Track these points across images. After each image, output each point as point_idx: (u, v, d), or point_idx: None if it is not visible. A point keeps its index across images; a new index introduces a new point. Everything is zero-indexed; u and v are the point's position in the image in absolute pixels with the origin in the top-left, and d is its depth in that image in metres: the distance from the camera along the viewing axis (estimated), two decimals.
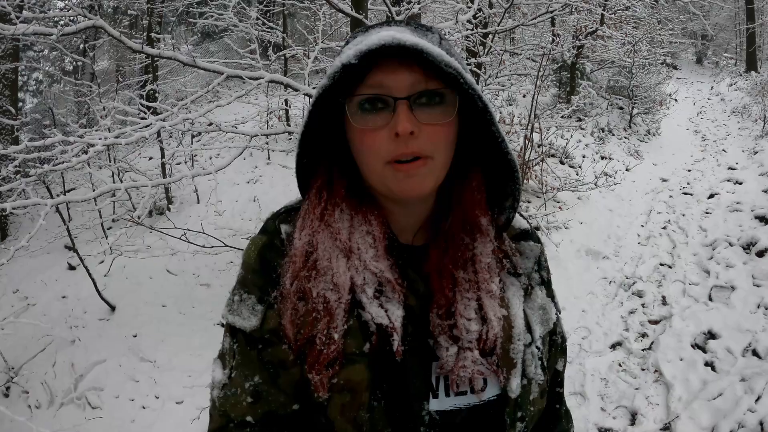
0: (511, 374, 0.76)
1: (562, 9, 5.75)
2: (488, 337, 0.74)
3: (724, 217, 5.47)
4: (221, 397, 0.77)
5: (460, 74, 0.68)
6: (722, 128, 10.00)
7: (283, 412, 0.75)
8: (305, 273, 0.73)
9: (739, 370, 3.16)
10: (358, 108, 0.70)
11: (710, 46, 20.23)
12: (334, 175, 0.79)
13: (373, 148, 0.71)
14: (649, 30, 9.42)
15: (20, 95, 10.50)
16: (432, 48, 0.66)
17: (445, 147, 0.72)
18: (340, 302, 0.71)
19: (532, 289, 0.83)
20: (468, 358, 0.73)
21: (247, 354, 0.76)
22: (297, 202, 0.83)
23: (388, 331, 0.71)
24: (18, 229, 7.09)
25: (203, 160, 7.73)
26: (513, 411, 0.77)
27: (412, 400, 0.72)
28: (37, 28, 3.03)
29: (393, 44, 0.65)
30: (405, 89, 0.68)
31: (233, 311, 0.77)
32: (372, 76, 0.69)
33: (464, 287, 0.75)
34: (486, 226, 0.78)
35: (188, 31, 13.72)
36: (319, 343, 0.70)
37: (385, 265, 0.74)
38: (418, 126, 0.68)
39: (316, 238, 0.75)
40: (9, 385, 3.93)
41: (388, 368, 0.71)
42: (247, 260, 0.79)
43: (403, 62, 0.68)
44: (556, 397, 0.93)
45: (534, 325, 0.81)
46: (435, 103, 0.70)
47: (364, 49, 0.66)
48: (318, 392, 0.70)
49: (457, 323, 0.73)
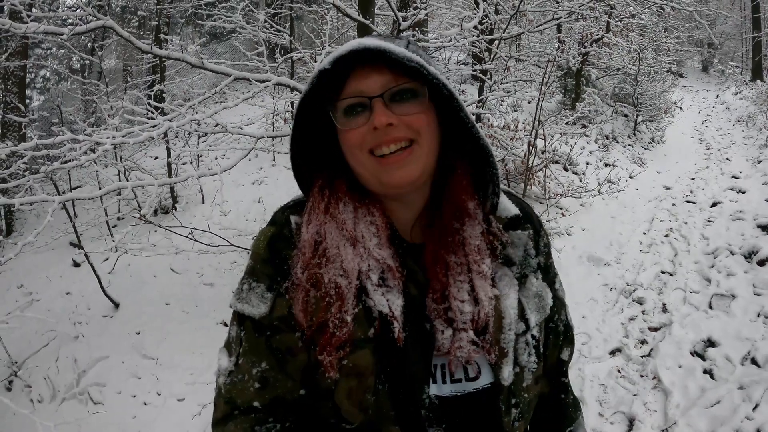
0: (502, 363, 0.79)
1: (568, 16, 5.77)
2: (480, 317, 0.77)
3: (727, 226, 5.48)
4: (228, 384, 0.80)
5: (422, 66, 0.74)
6: (727, 137, 10.00)
7: (290, 397, 0.78)
8: (316, 261, 0.77)
9: (738, 378, 3.16)
10: (342, 113, 0.77)
11: (716, 55, 20.22)
12: (334, 175, 0.84)
13: (356, 142, 0.76)
14: (654, 38, 9.43)
15: (27, 92, 10.58)
16: (394, 47, 0.73)
17: (425, 132, 0.78)
18: (350, 287, 0.76)
19: (526, 277, 0.85)
20: (463, 339, 0.76)
21: (255, 341, 0.79)
22: (305, 196, 0.87)
23: (389, 320, 0.75)
24: (23, 225, 7.14)
25: (209, 161, 7.77)
26: (507, 398, 0.80)
27: (413, 385, 0.76)
28: (48, 27, 3.07)
29: (359, 48, 0.73)
30: (378, 89, 0.75)
31: (242, 299, 0.80)
32: (349, 84, 0.76)
33: (456, 270, 0.79)
34: (473, 210, 0.83)
35: (195, 32, 13.81)
36: (332, 326, 0.74)
37: (387, 253, 0.79)
38: (396, 118, 0.75)
39: (324, 228, 0.79)
40: (12, 379, 3.97)
41: (391, 354, 0.75)
42: (257, 250, 0.82)
43: (374, 67, 0.75)
44: (561, 387, 0.96)
45: (529, 314, 0.83)
46: (407, 98, 0.76)
47: (336, 55, 0.75)
48: (328, 373, 0.74)
49: (452, 305, 0.77)
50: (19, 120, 6.12)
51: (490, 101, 7.16)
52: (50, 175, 3.87)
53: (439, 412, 0.77)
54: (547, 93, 7.99)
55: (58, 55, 11.59)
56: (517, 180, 6.46)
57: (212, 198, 6.66)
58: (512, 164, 6.38)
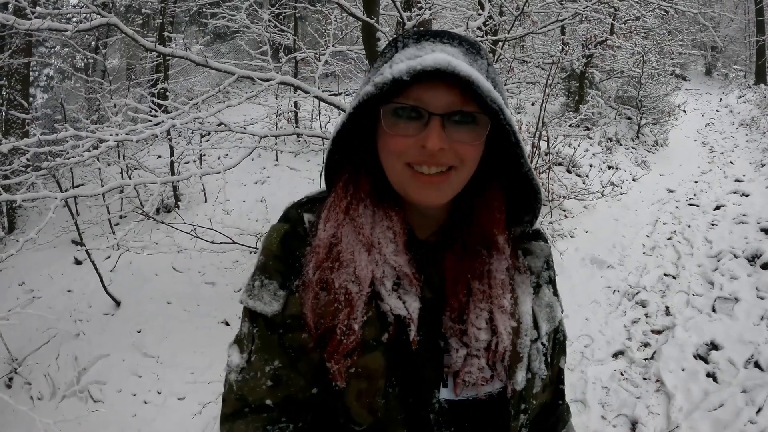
0: (517, 368, 0.79)
1: (572, 18, 5.76)
2: (497, 350, 0.77)
3: (730, 229, 5.46)
4: (239, 381, 0.79)
5: (501, 110, 0.70)
6: (730, 140, 9.97)
7: (302, 396, 0.77)
8: (328, 264, 0.76)
9: (741, 382, 3.15)
10: (392, 113, 0.72)
11: (720, 58, 20.19)
12: (361, 173, 0.82)
13: (397, 149, 0.73)
14: (658, 40, 9.41)
15: (31, 90, 10.61)
16: (482, 81, 0.68)
17: (471, 163, 0.75)
18: (360, 294, 0.74)
19: (540, 287, 0.86)
20: (474, 365, 0.76)
21: (268, 338, 0.78)
22: (318, 193, 0.86)
23: (406, 322, 0.74)
24: (26, 222, 7.15)
25: (212, 160, 7.78)
26: (517, 403, 0.80)
27: (423, 388, 0.75)
28: (52, 24, 3.07)
29: (448, 71, 0.67)
30: (441, 107, 0.70)
31: (253, 296, 0.79)
32: (412, 88, 0.71)
33: (478, 297, 0.78)
34: (503, 245, 0.81)
35: (199, 31, 13.83)
36: (339, 333, 0.72)
37: (403, 260, 0.77)
38: (448, 143, 0.71)
39: (341, 230, 0.78)
40: (12, 376, 3.96)
41: (404, 356, 0.74)
42: (269, 246, 0.80)
43: (445, 81, 0.70)
44: (559, 393, 0.97)
45: (541, 322, 0.84)
46: (467, 123, 0.72)
47: (418, 68, 0.68)
48: (336, 381, 0.73)
49: (468, 330, 0.76)
50: (22, 117, 6.12)
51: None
52: (52, 171, 3.86)
53: (448, 416, 0.77)
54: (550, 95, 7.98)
55: (62, 53, 11.61)
56: None
57: (215, 197, 6.66)
58: None
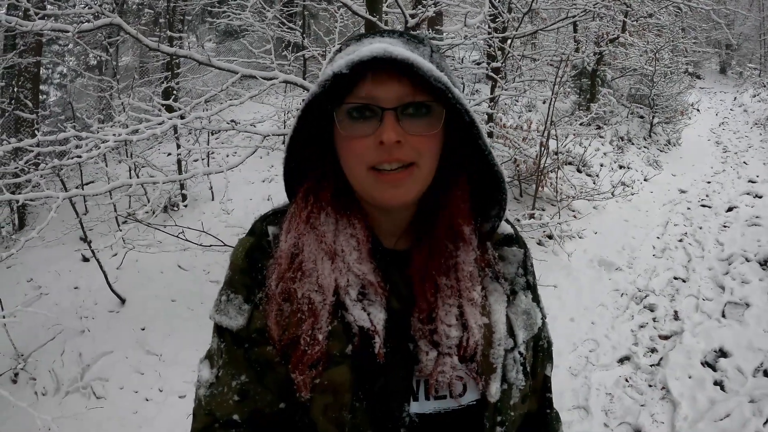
0: (490, 379, 0.76)
1: (582, 15, 5.67)
2: (468, 345, 0.74)
3: (742, 232, 5.35)
4: (207, 396, 0.79)
5: (448, 89, 0.69)
6: (744, 140, 9.80)
7: (269, 410, 0.76)
8: (290, 274, 0.75)
9: (749, 391, 3.07)
10: (347, 116, 0.72)
11: (734, 56, 19.82)
12: (321, 180, 0.80)
13: (357, 153, 0.72)
14: (671, 38, 9.25)
15: (45, 88, 10.74)
16: (422, 62, 0.68)
17: (429, 156, 0.73)
18: (324, 303, 0.73)
19: (515, 294, 0.84)
20: (447, 364, 0.73)
21: (234, 353, 0.77)
22: (284, 205, 0.85)
23: (370, 334, 0.72)
24: (35, 219, 7.22)
25: (220, 158, 7.81)
26: (492, 415, 0.77)
27: (392, 402, 0.73)
28: (55, 24, 3.08)
29: (384, 57, 0.67)
30: (393, 100, 0.70)
31: (220, 311, 0.79)
32: (362, 86, 0.70)
33: (446, 293, 0.76)
34: (469, 235, 0.79)
35: (211, 29, 13.88)
36: (303, 344, 0.71)
37: (368, 268, 0.75)
38: (404, 136, 0.70)
39: (302, 240, 0.76)
40: (17, 372, 4.00)
41: (370, 370, 0.72)
42: (235, 261, 0.80)
43: (392, 74, 0.69)
44: (546, 402, 0.94)
45: (517, 330, 0.81)
46: (422, 115, 0.71)
47: (355, 59, 0.67)
48: (301, 392, 0.71)
49: (438, 329, 0.74)
50: (28, 117, 6.18)
51: (503, 101, 7.08)
52: (56, 171, 3.89)
53: (419, 430, 0.74)
54: (561, 93, 7.88)
55: (75, 51, 11.72)
56: (528, 181, 6.38)
57: (221, 195, 6.68)
58: (524, 165, 6.29)
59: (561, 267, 4.95)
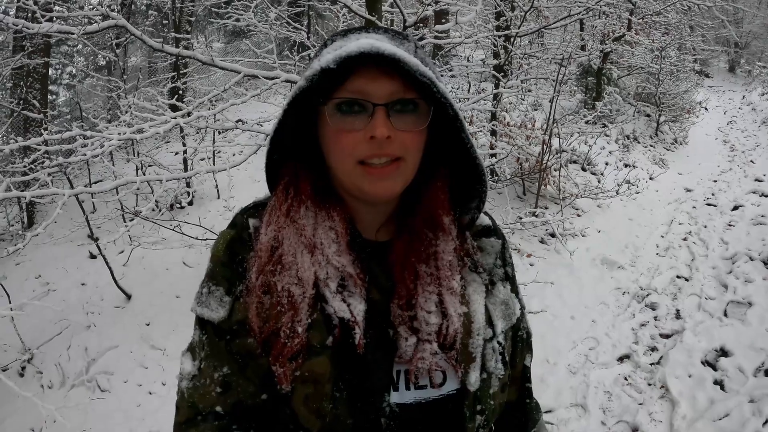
0: (470, 368, 0.78)
1: (586, 13, 5.65)
2: (448, 332, 0.76)
3: (747, 230, 5.31)
4: (190, 388, 0.79)
5: (433, 83, 0.71)
6: (752, 139, 9.70)
7: (252, 402, 0.77)
8: (270, 267, 0.75)
9: (749, 391, 3.06)
10: (336, 110, 0.73)
11: (743, 54, 19.58)
12: (301, 173, 0.81)
13: (347, 147, 0.73)
14: (678, 36, 9.18)
15: (54, 88, 10.84)
16: (408, 57, 0.69)
17: (415, 151, 0.76)
18: (304, 296, 0.74)
19: (494, 284, 0.86)
20: (426, 350, 0.75)
21: (216, 345, 0.78)
22: (265, 198, 0.86)
23: (350, 325, 0.73)
24: (44, 217, 7.33)
25: (226, 157, 7.87)
26: (472, 404, 0.78)
27: (372, 393, 0.74)
28: (61, 26, 3.13)
29: (372, 52, 0.68)
30: (384, 96, 0.71)
31: (202, 303, 0.80)
32: (353, 81, 0.72)
33: (426, 281, 0.77)
34: (448, 225, 0.81)
35: (219, 29, 13.96)
36: (284, 336, 0.72)
37: (347, 260, 0.77)
38: (394, 131, 0.72)
39: (282, 233, 0.77)
40: (24, 365, 4.08)
41: (351, 361, 0.73)
42: (216, 253, 0.81)
43: (383, 70, 0.71)
44: (526, 392, 0.96)
45: (496, 320, 0.82)
46: (409, 111, 0.73)
47: (343, 54, 0.69)
48: (281, 384, 0.72)
49: (417, 315, 0.76)
50: (35, 117, 6.27)
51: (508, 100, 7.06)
52: (63, 169, 3.95)
53: (400, 420, 0.76)
54: (567, 91, 7.85)
55: (84, 52, 11.83)
56: (531, 179, 6.37)
57: (227, 193, 6.73)
58: (527, 163, 6.28)
59: (563, 265, 4.95)
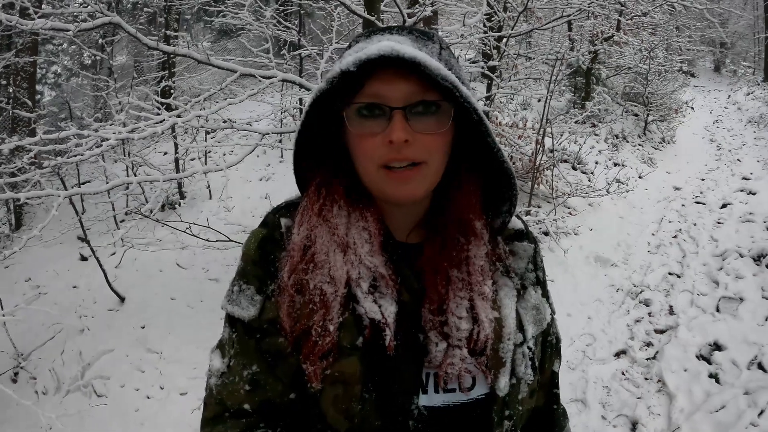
0: (499, 373, 0.77)
1: (578, 13, 5.71)
2: (479, 338, 0.75)
3: (736, 228, 5.41)
4: (219, 385, 0.80)
5: (456, 87, 0.70)
6: (738, 137, 9.88)
7: (280, 401, 0.77)
8: (303, 266, 0.75)
9: (744, 383, 3.12)
10: (356, 114, 0.73)
11: (728, 55, 19.96)
12: (333, 174, 0.81)
13: (368, 152, 0.73)
14: (666, 37, 9.32)
15: (39, 88, 10.66)
16: (429, 61, 0.68)
17: (438, 154, 0.75)
18: (336, 295, 0.73)
19: (525, 289, 0.85)
20: (456, 356, 0.74)
21: (246, 343, 0.78)
22: (297, 198, 0.85)
23: (381, 327, 0.73)
24: (32, 219, 7.21)
25: (217, 157, 7.81)
26: (501, 409, 0.78)
27: (401, 395, 0.74)
28: (55, 23, 3.09)
29: (392, 55, 0.67)
30: (401, 99, 0.70)
31: (232, 301, 0.79)
32: (370, 85, 0.71)
33: (457, 286, 0.77)
34: (480, 230, 0.80)
35: (206, 28, 13.85)
36: (315, 335, 0.72)
37: (379, 261, 0.76)
38: (413, 135, 0.71)
39: (314, 232, 0.77)
40: (17, 371, 4.01)
41: (380, 362, 0.73)
42: (247, 252, 0.81)
43: (400, 72, 0.70)
44: (553, 397, 0.95)
45: (527, 325, 0.82)
46: (430, 113, 0.72)
47: (363, 57, 0.68)
48: (312, 383, 0.72)
49: (448, 320, 0.75)
50: (28, 116, 6.16)
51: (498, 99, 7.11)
52: (56, 170, 3.89)
53: (427, 423, 0.75)
54: (556, 91, 7.92)
55: (69, 51, 11.67)
56: (524, 179, 6.42)
57: (219, 193, 6.68)
58: (519, 162, 6.33)
59: (557, 263, 5.00)
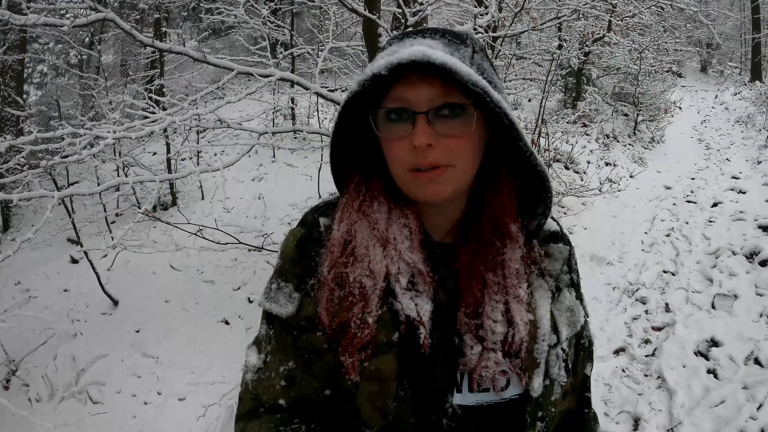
0: (534, 374, 0.78)
1: (571, 14, 5.75)
2: (514, 341, 0.76)
3: (728, 226, 5.47)
4: (255, 381, 0.81)
5: (486, 93, 0.70)
6: (726, 137, 10.00)
7: (315, 397, 0.78)
8: (343, 260, 0.76)
9: (741, 378, 3.16)
10: (384, 118, 0.74)
11: (715, 55, 20.28)
12: (371, 174, 0.82)
13: (397, 156, 0.74)
14: (655, 37, 9.42)
15: (24, 87, 10.49)
16: (460, 66, 0.68)
17: (465, 156, 0.75)
18: (375, 288, 0.74)
19: (560, 290, 0.85)
20: (491, 359, 0.75)
21: (283, 340, 0.79)
22: (335, 198, 0.86)
23: (416, 324, 0.73)
24: (20, 220, 7.08)
25: (208, 157, 7.74)
26: (534, 410, 0.78)
27: (436, 393, 0.75)
28: (49, 19, 3.02)
29: (423, 61, 0.68)
30: (424, 103, 0.71)
31: (270, 298, 0.80)
32: (395, 89, 0.72)
33: (493, 289, 0.77)
34: (515, 233, 0.80)
35: (194, 27, 13.73)
36: (354, 327, 0.73)
37: (418, 257, 0.77)
38: (436, 138, 0.71)
39: (355, 227, 0.78)
40: (9, 378, 3.92)
41: (415, 360, 0.74)
42: (286, 250, 0.82)
43: (424, 76, 0.70)
44: (585, 401, 0.95)
45: (561, 327, 0.82)
46: (455, 115, 0.72)
47: (395, 62, 0.69)
48: (349, 375, 0.73)
49: (484, 324, 0.75)
50: (17, 114, 6.05)
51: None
52: (49, 170, 3.82)
53: (461, 421, 0.76)
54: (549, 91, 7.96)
55: (55, 50, 11.50)
56: None
57: (212, 194, 6.62)
58: None
59: None
